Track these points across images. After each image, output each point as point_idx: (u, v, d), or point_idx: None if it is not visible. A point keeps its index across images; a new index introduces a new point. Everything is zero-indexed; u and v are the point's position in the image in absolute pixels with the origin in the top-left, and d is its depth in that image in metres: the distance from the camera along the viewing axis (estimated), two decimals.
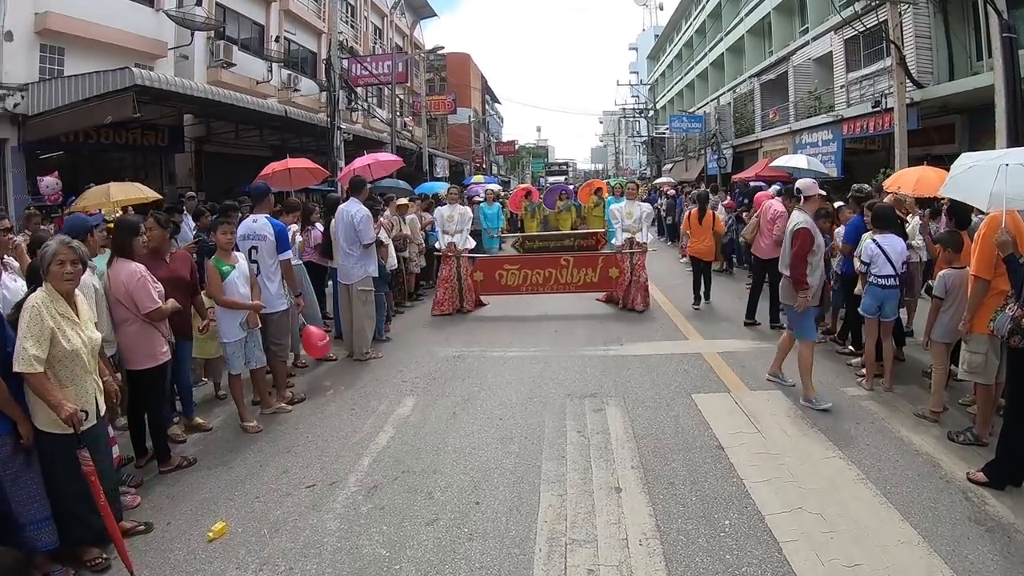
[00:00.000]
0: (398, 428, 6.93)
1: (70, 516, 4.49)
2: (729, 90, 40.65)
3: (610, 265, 12.83)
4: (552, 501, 5.21)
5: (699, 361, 9.04)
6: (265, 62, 26.09)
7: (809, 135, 26.86)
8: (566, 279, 12.90)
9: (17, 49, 16.07)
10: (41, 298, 4.36)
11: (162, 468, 6.10)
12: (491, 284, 13.12)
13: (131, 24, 19.29)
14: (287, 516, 5.15)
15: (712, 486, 5.37)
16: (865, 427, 6.57)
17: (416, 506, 5.20)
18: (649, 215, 13.18)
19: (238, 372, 7.13)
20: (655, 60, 74.12)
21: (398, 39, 44.62)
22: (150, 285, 5.91)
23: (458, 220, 12.85)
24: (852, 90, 24.32)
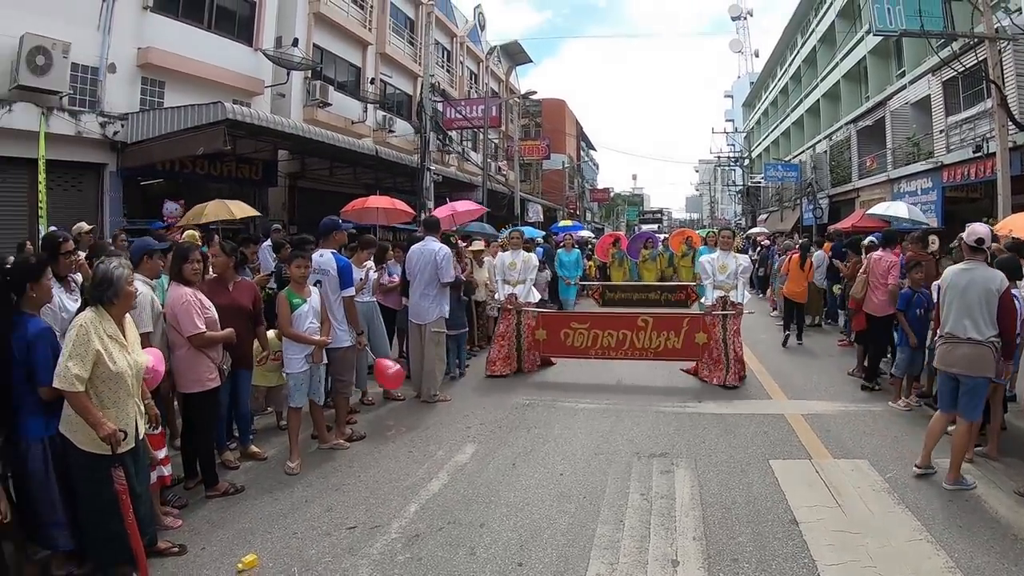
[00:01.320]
0: (453, 476, 6.66)
1: (102, 534, 4.43)
2: (825, 137, 39.80)
3: (697, 329, 10.63)
4: (601, 570, 4.80)
5: (781, 423, 8.35)
6: (360, 103, 26.48)
7: (907, 183, 26.01)
8: (643, 343, 10.82)
9: (120, 81, 16.81)
10: (90, 318, 4.32)
11: (208, 493, 6.08)
12: (555, 344, 11.33)
13: (229, 61, 19.94)
14: (321, 556, 4.96)
15: (780, 567, 4.83)
16: (959, 505, 5.86)
17: (455, 562, 4.90)
18: (746, 270, 10.86)
19: (299, 406, 6.99)
20: (751, 107, 73.51)
21: (493, 84, 45.12)
22: (195, 310, 5.91)
23: (521, 268, 11.37)
24: (952, 135, 23.15)
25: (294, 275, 6.97)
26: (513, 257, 11.51)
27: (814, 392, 10.00)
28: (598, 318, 11.65)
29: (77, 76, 15.67)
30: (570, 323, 11.40)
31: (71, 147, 15.40)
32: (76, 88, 15.66)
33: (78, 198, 15.99)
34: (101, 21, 16.16)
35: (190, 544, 5.11)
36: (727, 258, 10.75)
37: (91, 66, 16.07)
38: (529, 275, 11.42)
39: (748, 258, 11.44)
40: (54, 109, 14.83)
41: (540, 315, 11.57)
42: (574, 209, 62.78)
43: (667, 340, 10.79)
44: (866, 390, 9.88)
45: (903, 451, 7.12)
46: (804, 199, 38.09)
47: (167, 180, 18.10)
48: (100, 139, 15.92)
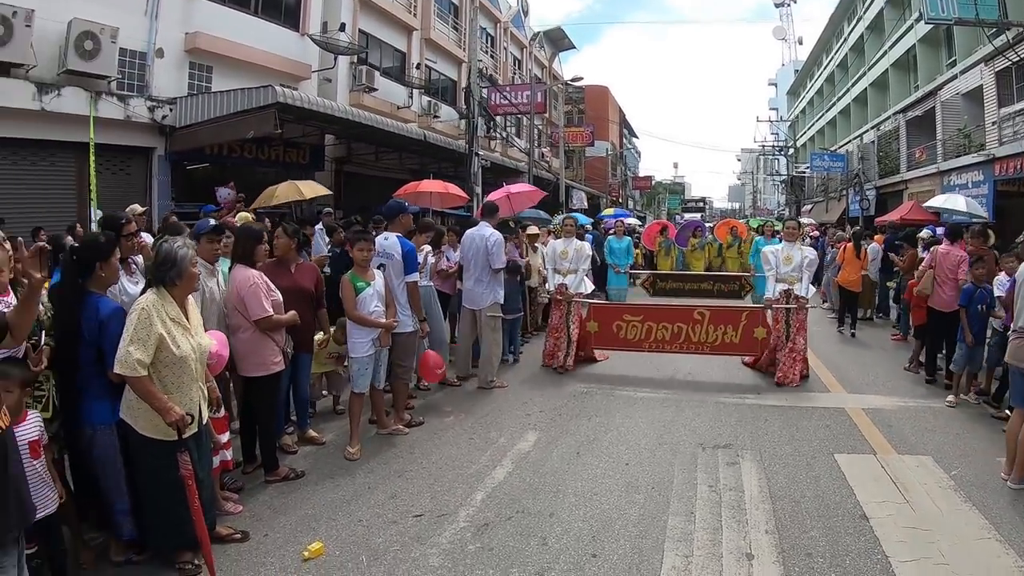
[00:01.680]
0: (517, 464, 6.56)
1: (165, 520, 4.39)
2: (872, 127, 39.15)
3: (756, 323, 10.13)
4: (676, 563, 4.69)
5: (842, 417, 8.18)
6: (406, 88, 26.43)
7: (958, 176, 25.42)
8: (699, 337, 10.21)
9: (168, 65, 16.85)
10: (152, 301, 4.23)
11: (268, 478, 6.01)
12: (607, 336, 10.70)
13: (276, 46, 19.93)
14: (389, 545, 4.86)
15: (854, 563, 4.71)
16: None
17: (527, 552, 4.79)
18: (812, 263, 10.18)
19: (362, 391, 6.87)
20: (795, 96, 72.43)
21: (537, 70, 44.74)
22: (263, 293, 5.83)
23: (572, 257, 10.67)
24: (1005, 127, 22.52)
25: (357, 258, 6.85)
26: (565, 245, 10.82)
27: (872, 386, 9.82)
28: (652, 310, 10.88)
29: (125, 61, 15.67)
30: (623, 315, 10.73)
31: (119, 131, 15.45)
32: (124, 73, 15.66)
33: (126, 182, 16.07)
34: (149, 6, 16.22)
35: (252, 530, 5.03)
36: (792, 250, 10.13)
37: (139, 51, 16.10)
38: (582, 264, 10.72)
39: (814, 251, 10.64)
40: (102, 94, 14.87)
41: (592, 307, 11.05)
42: (617, 197, 62.56)
43: (724, 334, 10.18)
44: (929, 384, 9.76)
45: (966, 448, 7.03)
46: (850, 190, 37.68)
47: (213, 165, 18.14)
48: (148, 123, 15.96)
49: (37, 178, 14.24)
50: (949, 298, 9.49)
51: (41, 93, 13.63)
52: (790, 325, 9.81)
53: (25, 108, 13.43)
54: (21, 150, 13.97)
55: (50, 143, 14.37)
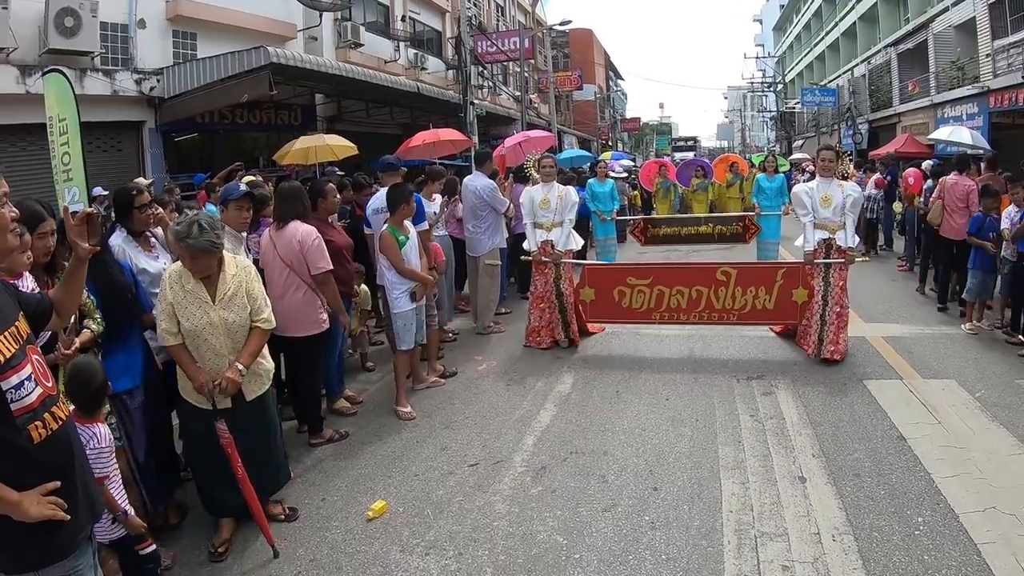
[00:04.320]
0: (559, 406, 6.59)
1: (210, 487, 4.47)
2: (863, 61, 38.70)
3: (795, 283, 8.10)
4: (735, 490, 4.83)
5: (865, 345, 8.28)
6: (392, 42, 26.03)
7: (952, 108, 25.32)
8: (724, 303, 8.25)
9: (151, 36, 16.47)
10: (171, 271, 4.29)
11: (313, 441, 5.96)
12: (606, 306, 8.74)
13: (260, 7, 19.50)
14: (451, 496, 4.88)
15: (900, 480, 4.89)
16: None
17: (590, 490, 4.86)
18: (857, 202, 8.18)
19: (408, 347, 6.76)
20: (782, 31, 71.40)
21: (520, 16, 44.25)
22: (325, 246, 5.80)
23: (556, 207, 8.75)
24: (999, 59, 22.36)
25: (406, 213, 6.76)
26: (545, 192, 8.87)
27: (887, 315, 9.86)
28: (664, 271, 8.73)
29: (107, 35, 15.34)
30: (626, 278, 8.57)
31: (107, 107, 15.12)
32: (108, 47, 15.34)
33: (118, 158, 15.81)
34: None
35: (308, 496, 5.03)
36: (830, 187, 8.06)
37: (121, 23, 15.74)
38: (567, 215, 8.82)
39: (858, 187, 8.51)
40: (87, 70, 14.60)
41: (586, 269, 9.05)
42: (607, 140, 62.26)
43: (755, 298, 8.21)
44: (941, 312, 9.87)
45: (986, 372, 7.16)
46: (842, 124, 37.58)
47: (203, 133, 17.95)
48: (136, 96, 15.66)
49: (28, 162, 13.77)
50: (959, 227, 9.58)
51: (24, 75, 13.30)
52: (829, 284, 7.90)
53: (9, 92, 13.12)
54: (10, 136, 13.68)
55: (38, 127, 14.04)
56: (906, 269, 13.02)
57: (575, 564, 3.98)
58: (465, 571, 3.96)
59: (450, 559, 4.08)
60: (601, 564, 3.98)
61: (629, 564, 3.98)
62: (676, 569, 3.94)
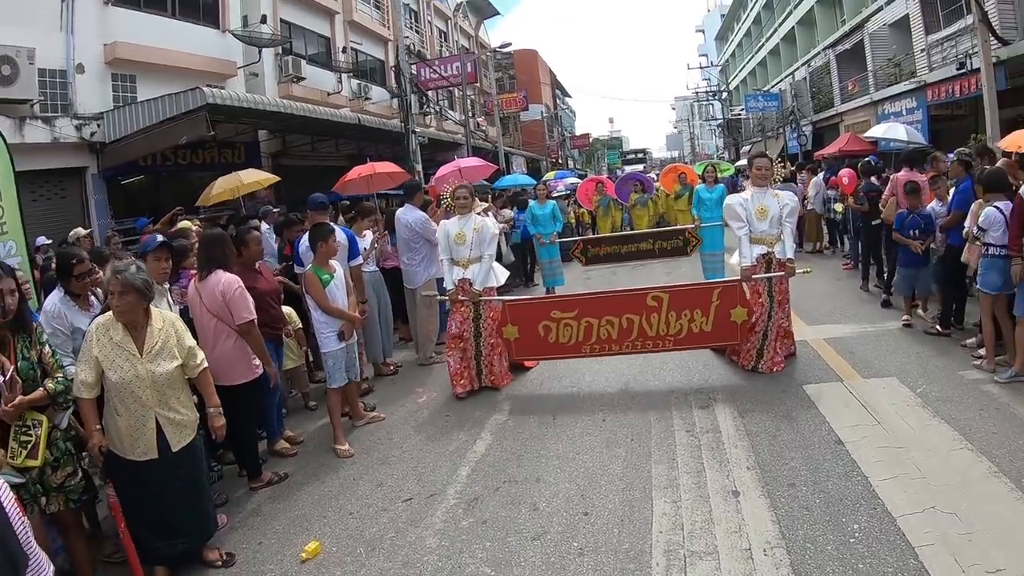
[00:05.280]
0: (496, 435, 6.63)
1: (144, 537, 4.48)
2: (803, 64, 39.59)
3: (732, 302, 7.71)
4: (666, 509, 4.84)
5: (806, 349, 8.32)
6: (334, 73, 26.13)
7: (892, 104, 26.00)
8: (658, 329, 7.80)
9: (90, 80, 16.36)
10: (98, 323, 4.35)
11: (252, 485, 5.99)
12: (532, 343, 8.20)
13: (198, 47, 19.50)
14: (384, 533, 4.92)
15: (836, 486, 4.90)
16: (991, 414, 5.92)
17: (520, 519, 4.89)
18: (794, 211, 7.88)
19: (339, 386, 6.80)
20: (724, 40, 72.62)
21: (463, 40, 44.56)
22: (248, 296, 5.82)
23: (472, 242, 8.00)
24: (934, 53, 23.04)
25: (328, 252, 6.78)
26: (460, 226, 8.12)
27: (830, 316, 9.96)
28: (590, 301, 8.22)
29: (46, 81, 15.22)
30: (550, 312, 8.07)
31: (49, 154, 15.03)
32: (47, 94, 15.23)
33: (62, 205, 15.67)
34: (63, 22, 15.71)
35: (246, 540, 5.06)
36: (765, 198, 7.72)
37: (59, 69, 15.62)
38: (486, 249, 8.05)
39: (794, 195, 8.32)
40: (27, 118, 14.46)
41: (507, 306, 8.36)
42: (556, 158, 62.55)
43: (691, 322, 7.79)
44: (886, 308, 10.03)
45: (928, 366, 7.26)
46: (787, 128, 38.33)
47: (148, 175, 17.85)
48: (78, 142, 15.58)
49: None
50: None
51: None
52: (773, 299, 7.66)
53: None
54: None
55: None
56: (851, 267, 13.20)
57: None
58: None
59: None
60: None
61: None
62: None
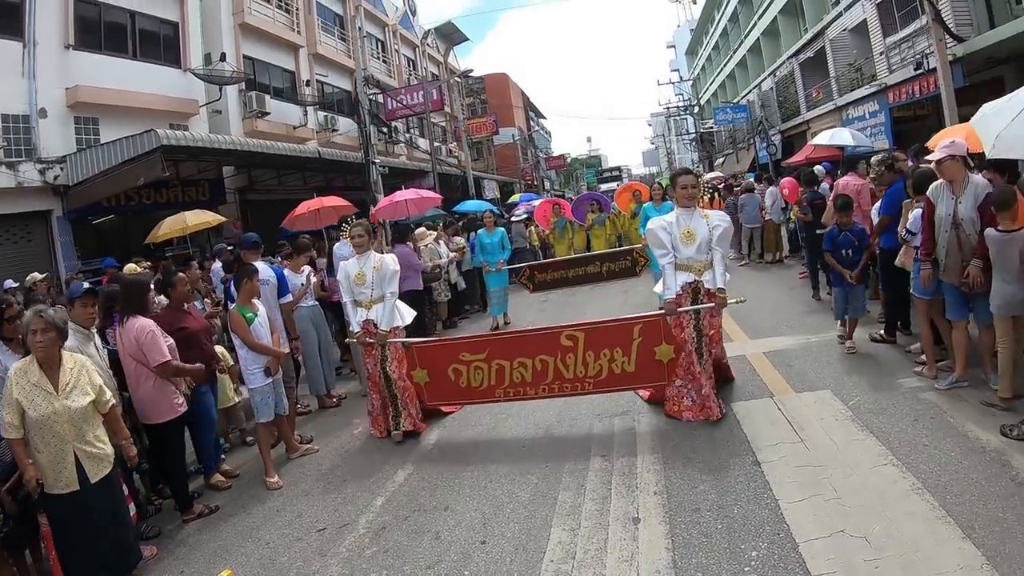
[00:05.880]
0: (417, 463, 6.78)
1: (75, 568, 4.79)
2: (769, 75, 39.95)
3: (656, 339, 6.83)
4: (562, 537, 4.88)
5: (742, 364, 8.11)
6: (299, 107, 26.39)
7: (855, 108, 26.21)
8: (575, 371, 7.02)
9: (52, 124, 16.69)
10: (17, 367, 4.67)
11: (185, 518, 6.25)
12: (443, 388, 7.65)
13: (160, 86, 19.78)
14: (292, 562, 5.14)
15: (742, 511, 4.79)
16: (925, 424, 5.74)
17: (420, 548, 5.04)
18: (725, 234, 6.86)
19: (267, 420, 7.04)
20: (694, 55, 73.08)
21: (433, 68, 44.95)
22: (160, 339, 6.06)
23: (373, 281, 7.62)
24: (892, 55, 23.20)
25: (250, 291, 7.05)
26: (360, 265, 7.72)
27: (776, 328, 9.78)
28: (500, 342, 7.74)
29: (9, 127, 15.66)
30: (459, 354, 7.48)
31: (13, 199, 15.42)
32: (10, 139, 15.63)
33: (28, 249, 16.04)
34: (24, 67, 16.06)
35: (168, 570, 5.32)
36: (693, 219, 6.80)
37: (22, 114, 16.01)
38: (387, 287, 7.65)
39: (725, 216, 7.10)
40: None
41: (415, 348, 7.75)
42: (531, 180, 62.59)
43: (611, 362, 6.97)
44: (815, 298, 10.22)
45: (867, 376, 7.12)
46: (756, 138, 38.42)
47: (118, 215, 18.11)
48: (41, 186, 15.93)
49: None
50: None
51: None
52: (701, 333, 6.80)
53: None
54: None
55: None
56: (806, 276, 12.94)
57: None
58: None
59: None
60: None
61: None
62: None
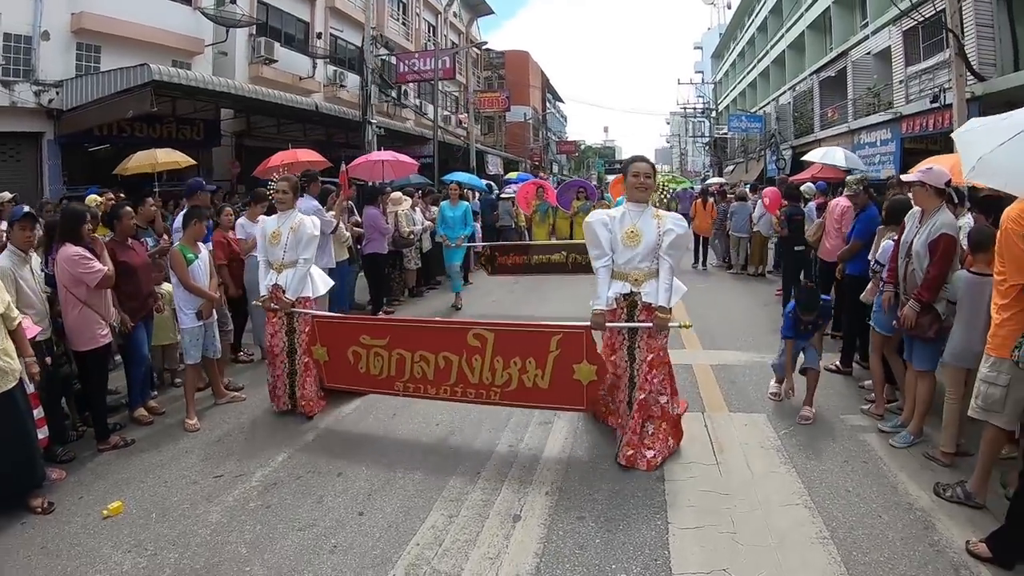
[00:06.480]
0: (331, 426, 6.84)
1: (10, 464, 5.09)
2: (789, 88, 39.70)
3: (577, 356, 5.83)
4: (437, 521, 4.86)
5: (686, 374, 7.93)
6: (310, 59, 26.33)
7: (867, 134, 26.05)
8: (481, 376, 6.20)
9: (54, 48, 16.81)
10: None
11: (100, 446, 6.40)
12: (342, 370, 7.02)
13: (167, 22, 19.76)
14: (180, 503, 5.27)
15: (629, 528, 4.63)
16: (854, 467, 5.51)
17: (300, 509, 5.13)
18: (678, 240, 5.72)
19: (193, 362, 7.20)
20: (719, 59, 72.83)
21: (453, 36, 44.71)
22: (91, 261, 6.24)
23: (287, 242, 7.13)
24: (911, 85, 22.97)
25: (192, 233, 7.23)
26: (278, 224, 7.26)
27: (734, 342, 9.64)
28: (402, 330, 6.84)
29: (10, 46, 15.81)
30: (359, 336, 6.81)
31: (6, 118, 15.61)
32: (10, 58, 15.79)
33: (16, 168, 16.22)
34: None
35: (72, 493, 5.47)
36: (641, 218, 5.77)
37: (24, 35, 16.12)
38: (302, 252, 7.16)
39: (683, 221, 5.88)
40: None
41: (316, 322, 7.10)
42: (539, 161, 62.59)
43: (522, 373, 6.05)
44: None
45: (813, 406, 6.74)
46: (768, 150, 38.32)
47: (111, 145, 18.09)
48: (35, 108, 16.09)
49: None
50: (832, 247, 9.30)
51: None
52: (635, 359, 5.88)
53: None
54: None
55: None
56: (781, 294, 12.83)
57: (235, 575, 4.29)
58: (148, 569, 4.35)
59: (145, 558, 4.47)
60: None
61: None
62: None
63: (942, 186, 5.81)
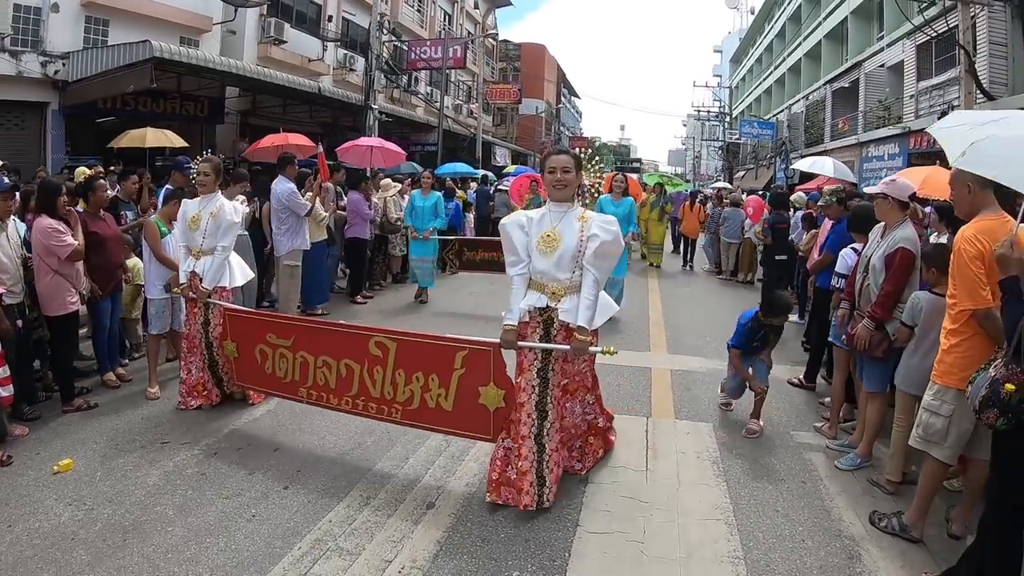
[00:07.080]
0: (283, 401, 6.73)
1: None
2: (803, 97, 39.88)
3: (484, 377, 5.09)
4: (354, 502, 5.01)
5: (642, 377, 7.96)
6: (320, 41, 26.51)
7: (876, 147, 26.10)
8: (383, 390, 5.52)
9: (63, 19, 17.16)
10: None
11: (64, 407, 6.77)
12: (250, 368, 6.51)
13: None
14: (124, 465, 5.57)
15: (534, 526, 4.60)
16: (790, 487, 5.34)
17: (231, 479, 5.35)
18: (608, 250, 4.77)
19: (158, 332, 7.55)
20: (738, 63, 72.92)
21: (469, 26, 44.77)
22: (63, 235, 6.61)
23: (207, 228, 6.80)
24: (921, 101, 23.02)
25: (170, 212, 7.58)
26: (199, 207, 6.89)
27: (701, 348, 9.52)
28: (306, 331, 6.17)
29: (20, 16, 16.15)
30: (266, 335, 6.25)
31: (12, 87, 16.00)
32: (19, 28, 16.13)
33: (20, 136, 16.64)
34: None
35: (30, 450, 5.81)
36: (564, 220, 4.88)
37: (34, 6, 16.50)
38: (220, 240, 6.82)
39: (612, 225, 4.84)
40: None
41: (228, 316, 6.63)
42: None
43: (425, 390, 5.35)
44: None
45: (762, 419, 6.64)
46: (778, 158, 38.40)
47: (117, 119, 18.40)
48: (41, 78, 16.46)
49: None
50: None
51: None
52: (547, 385, 4.90)
53: None
54: None
55: None
56: None
57: (158, 533, 4.55)
58: (82, 521, 4.67)
59: (82, 512, 4.80)
60: (183, 541, 4.46)
61: (205, 545, 4.42)
62: (229, 561, 4.24)
63: (905, 199, 5.66)
